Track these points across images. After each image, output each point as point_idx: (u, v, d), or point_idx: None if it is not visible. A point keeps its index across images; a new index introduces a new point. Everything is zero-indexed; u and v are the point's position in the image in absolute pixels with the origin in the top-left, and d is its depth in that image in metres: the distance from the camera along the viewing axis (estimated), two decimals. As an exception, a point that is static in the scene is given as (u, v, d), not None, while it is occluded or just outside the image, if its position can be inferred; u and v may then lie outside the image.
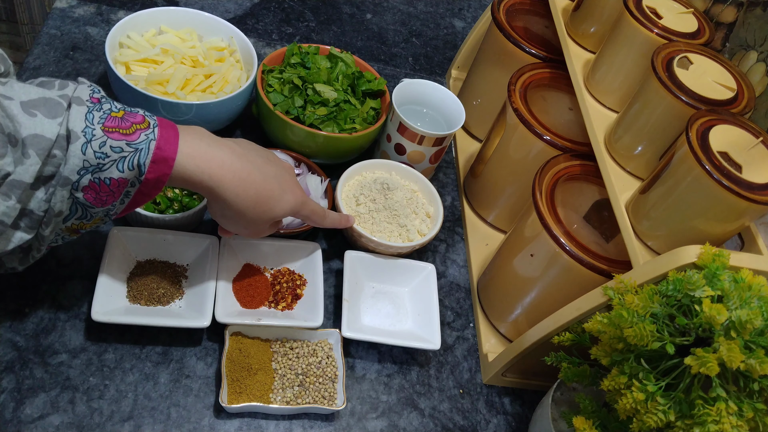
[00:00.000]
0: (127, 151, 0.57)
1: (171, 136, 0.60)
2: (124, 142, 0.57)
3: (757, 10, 0.81)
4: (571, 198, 0.79)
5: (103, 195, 0.58)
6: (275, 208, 0.69)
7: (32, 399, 0.67)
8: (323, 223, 0.78)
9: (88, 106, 0.56)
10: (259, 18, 1.19)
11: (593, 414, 0.64)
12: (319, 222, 0.77)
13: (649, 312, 0.56)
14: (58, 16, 1.04)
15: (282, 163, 0.72)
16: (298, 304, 0.80)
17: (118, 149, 0.57)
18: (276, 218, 0.70)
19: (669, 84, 0.70)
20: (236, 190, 0.64)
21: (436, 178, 1.05)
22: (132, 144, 0.57)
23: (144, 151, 0.58)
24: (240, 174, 0.64)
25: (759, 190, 0.61)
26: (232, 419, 0.71)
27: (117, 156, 0.57)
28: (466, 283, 0.93)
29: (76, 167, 0.55)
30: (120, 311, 0.72)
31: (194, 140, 0.61)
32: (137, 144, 0.57)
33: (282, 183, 0.69)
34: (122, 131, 0.57)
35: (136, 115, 0.59)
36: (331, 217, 0.79)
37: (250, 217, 0.67)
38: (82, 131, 0.55)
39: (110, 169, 0.57)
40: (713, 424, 0.51)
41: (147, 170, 0.58)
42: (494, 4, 1.03)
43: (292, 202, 0.70)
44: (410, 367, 0.82)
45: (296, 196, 0.71)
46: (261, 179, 0.66)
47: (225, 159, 0.63)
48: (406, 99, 0.98)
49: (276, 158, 0.72)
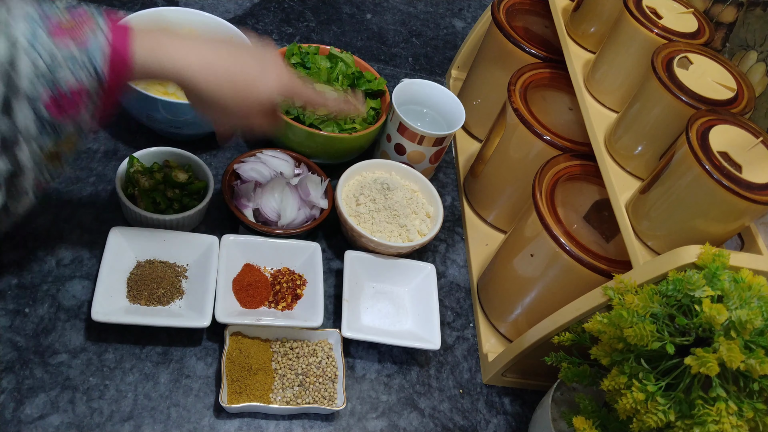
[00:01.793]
0: (79, 58, 0.54)
1: (122, 32, 0.56)
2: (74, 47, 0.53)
3: (757, 10, 0.81)
4: (571, 198, 0.79)
5: (67, 106, 0.55)
6: (258, 88, 0.63)
7: (32, 399, 0.67)
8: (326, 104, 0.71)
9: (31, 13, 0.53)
10: (259, 18, 1.19)
11: (593, 414, 0.64)
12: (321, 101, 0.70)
13: (649, 312, 0.56)
14: (58, 16, 1.04)
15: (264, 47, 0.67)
16: (298, 304, 0.80)
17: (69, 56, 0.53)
18: (263, 100, 0.64)
19: (669, 84, 0.70)
20: (205, 75, 0.59)
21: (436, 178, 1.05)
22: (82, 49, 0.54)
23: (97, 53, 0.54)
24: (207, 57, 0.60)
25: (759, 190, 0.61)
26: (232, 419, 0.71)
27: (70, 64, 0.53)
28: (466, 283, 0.93)
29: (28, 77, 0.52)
30: (120, 311, 0.72)
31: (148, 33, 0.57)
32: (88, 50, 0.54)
33: (260, 61, 0.64)
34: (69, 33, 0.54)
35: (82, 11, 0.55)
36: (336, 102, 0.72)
37: (231, 102, 0.62)
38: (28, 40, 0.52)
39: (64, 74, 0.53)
40: (713, 424, 0.51)
41: (107, 76, 0.55)
42: (494, 4, 1.03)
43: (275, 80, 0.64)
44: (410, 367, 0.82)
45: (281, 76, 0.65)
46: (232, 60, 0.61)
47: (186, 44, 0.59)
48: (406, 99, 0.98)
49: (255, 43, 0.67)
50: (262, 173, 0.85)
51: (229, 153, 0.95)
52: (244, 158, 0.88)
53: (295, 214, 0.83)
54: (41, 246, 0.78)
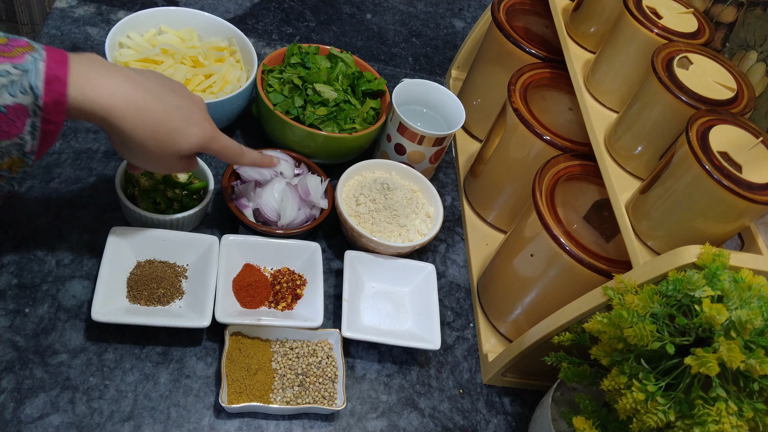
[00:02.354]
0: (15, 74, 0.54)
1: (60, 58, 0.56)
2: (9, 64, 0.54)
3: (757, 10, 0.81)
4: (571, 198, 0.79)
5: (4, 125, 0.55)
6: (179, 141, 0.64)
7: (32, 399, 0.67)
8: (240, 161, 0.74)
9: None
10: (259, 18, 1.19)
11: (593, 414, 0.64)
12: (235, 159, 0.73)
13: (649, 312, 0.56)
14: (58, 16, 1.04)
15: (190, 95, 0.68)
16: (298, 304, 0.80)
17: (4, 72, 0.54)
18: (182, 152, 0.66)
19: (669, 84, 0.70)
20: (131, 120, 0.60)
21: (436, 178, 1.05)
22: (18, 66, 0.54)
23: (33, 72, 0.54)
24: (136, 103, 0.60)
25: (759, 190, 0.61)
26: (232, 419, 0.71)
27: (5, 80, 0.54)
28: (466, 283, 0.93)
29: None
30: (120, 311, 0.72)
31: (82, 67, 0.57)
32: (24, 65, 0.54)
33: (187, 115, 0.65)
34: (5, 55, 0.54)
35: (20, 40, 0.56)
36: (250, 154, 0.75)
37: (152, 150, 0.63)
38: None
39: (2, 95, 0.54)
40: (713, 424, 0.51)
41: (42, 92, 0.55)
42: (494, 4, 1.03)
43: (198, 136, 0.66)
44: (410, 367, 0.82)
45: (204, 130, 0.67)
46: (161, 109, 0.62)
47: (118, 87, 0.59)
48: (406, 99, 0.98)
49: (184, 89, 0.67)
50: (262, 173, 0.85)
51: (229, 153, 0.95)
52: (244, 158, 0.87)
53: (295, 214, 0.83)
54: (41, 246, 0.78)
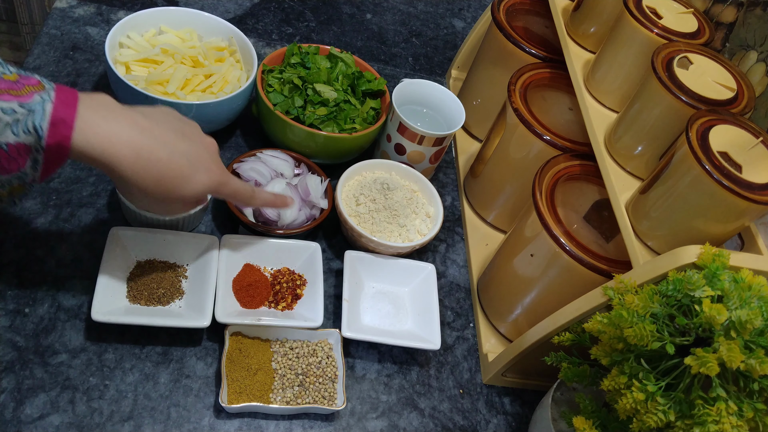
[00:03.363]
0: (21, 113, 0.53)
1: (70, 100, 0.55)
2: (16, 103, 0.53)
3: (757, 10, 0.81)
4: (571, 198, 0.79)
5: (4, 161, 0.54)
6: (184, 188, 0.63)
7: (32, 399, 0.67)
8: (252, 203, 0.74)
9: None
10: (259, 18, 1.19)
11: (593, 414, 0.64)
12: (247, 202, 0.73)
13: (649, 312, 0.56)
14: (58, 16, 1.04)
15: (201, 138, 0.67)
16: (298, 304, 0.80)
17: (10, 111, 0.53)
18: (188, 198, 0.65)
19: (669, 84, 0.70)
20: (134, 168, 0.59)
21: (436, 178, 1.05)
22: (25, 105, 0.53)
23: (39, 113, 0.54)
24: (140, 151, 0.59)
25: (759, 190, 0.61)
26: (232, 419, 0.71)
27: (10, 118, 0.53)
28: (466, 283, 0.93)
29: None
30: (120, 311, 0.72)
31: (89, 112, 0.56)
32: (31, 105, 0.54)
33: (194, 161, 0.64)
34: (14, 92, 0.53)
35: (31, 78, 0.56)
36: (262, 196, 0.74)
37: (155, 196, 0.63)
38: None
39: (5, 133, 0.53)
40: (713, 424, 0.51)
41: (46, 134, 0.54)
42: (494, 4, 1.03)
43: (206, 182, 0.65)
44: (410, 367, 0.82)
45: (211, 176, 0.65)
46: (166, 157, 0.61)
47: (122, 134, 0.58)
48: (406, 99, 0.98)
49: (195, 132, 0.66)
50: (262, 173, 0.85)
51: (229, 153, 0.95)
52: (244, 158, 0.88)
53: (296, 214, 0.83)
54: (41, 246, 0.78)
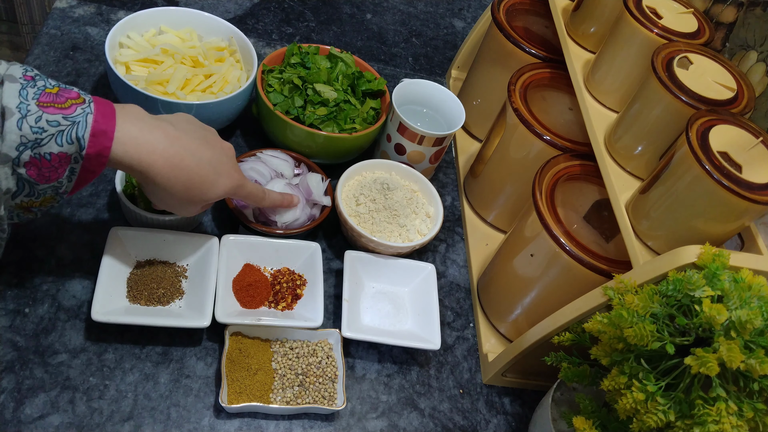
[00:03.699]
0: (65, 125, 0.57)
1: (108, 112, 0.60)
2: (60, 115, 0.57)
3: (757, 10, 0.81)
4: (571, 198, 0.79)
5: (46, 171, 0.58)
6: (208, 192, 0.69)
7: (32, 399, 0.67)
8: (262, 204, 0.78)
9: (22, 83, 0.57)
10: (259, 18, 1.19)
11: (593, 414, 0.64)
12: (258, 203, 0.78)
13: (649, 312, 0.56)
14: (58, 16, 1.04)
15: (221, 144, 0.71)
16: (298, 304, 0.80)
17: (55, 123, 0.57)
18: (209, 201, 0.70)
19: (669, 84, 0.70)
20: (167, 175, 0.64)
21: (436, 178, 1.05)
22: (69, 117, 0.57)
23: (82, 124, 0.58)
24: (172, 160, 0.64)
25: (759, 190, 0.61)
26: (232, 419, 0.71)
27: (54, 130, 0.57)
28: (466, 283, 0.93)
29: (14, 143, 0.55)
30: (120, 311, 0.72)
31: (127, 125, 0.61)
32: (74, 117, 0.57)
33: (217, 167, 0.69)
34: (58, 105, 0.57)
35: (71, 91, 0.59)
36: (271, 197, 0.79)
37: (181, 199, 0.68)
38: (17, 107, 0.55)
39: (49, 143, 0.57)
40: (713, 424, 0.51)
41: (87, 144, 0.58)
42: (494, 4, 1.03)
43: (227, 186, 0.70)
44: (410, 367, 0.82)
45: (232, 180, 0.71)
46: (194, 164, 0.66)
47: (157, 144, 0.62)
48: (406, 99, 0.98)
49: (215, 139, 0.71)
50: (262, 173, 0.85)
51: (229, 153, 0.95)
52: (244, 158, 0.88)
53: (299, 213, 0.83)
54: (41, 246, 0.78)
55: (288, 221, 0.83)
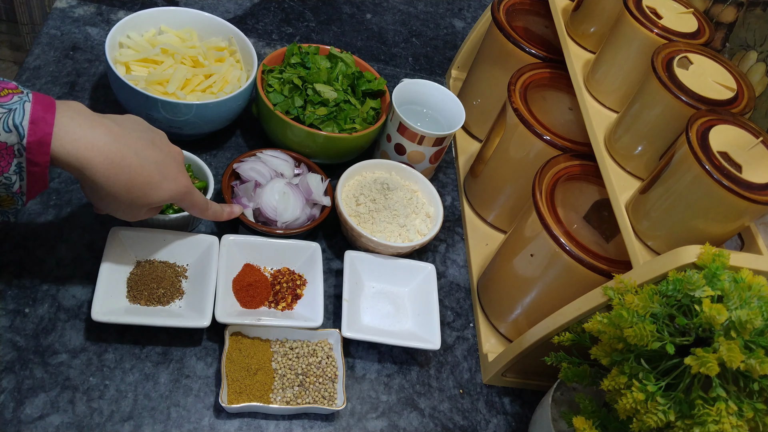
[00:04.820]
0: (1, 113, 0.55)
1: (48, 103, 0.58)
2: None
3: (757, 10, 0.81)
4: (571, 198, 0.79)
5: None
6: (151, 195, 0.66)
7: (32, 399, 0.67)
8: (205, 215, 0.76)
9: None
10: (259, 18, 1.19)
11: (593, 414, 0.64)
12: (200, 214, 0.75)
13: (649, 312, 0.56)
14: (58, 16, 1.04)
15: (169, 147, 0.69)
16: (298, 304, 0.80)
17: None
18: (153, 204, 0.67)
19: (669, 84, 0.70)
20: (106, 173, 0.61)
21: (436, 178, 1.05)
22: (4, 105, 0.56)
23: (19, 111, 0.56)
24: (113, 158, 0.61)
25: (759, 190, 0.61)
26: (232, 419, 0.71)
27: None
28: (466, 283, 0.93)
29: None
30: (120, 311, 0.72)
31: (65, 119, 0.58)
32: (10, 105, 0.56)
33: (163, 169, 0.66)
34: None
35: (9, 83, 0.58)
36: (213, 209, 0.76)
37: (123, 201, 0.65)
38: None
39: None
40: (713, 424, 0.51)
41: (27, 132, 0.56)
42: (494, 4, 1.03)
43: (173, 190, 0.67)
44: (410, 367, 0.82)
45: (178, 185, 0.68)
46: (138, 164, 0.63)
47: (96, 141, 0.60)
48: (406, 99, 0.98)
49: (163, 141, 0.68)
50: (262, 173, 0.85)
51: (229, 153, 0.95)
52: (244, 158, 0.88)
53: (299, 213, 0.83)
54: (41, 246, 0.78)
55: (288, 221, 0.83)
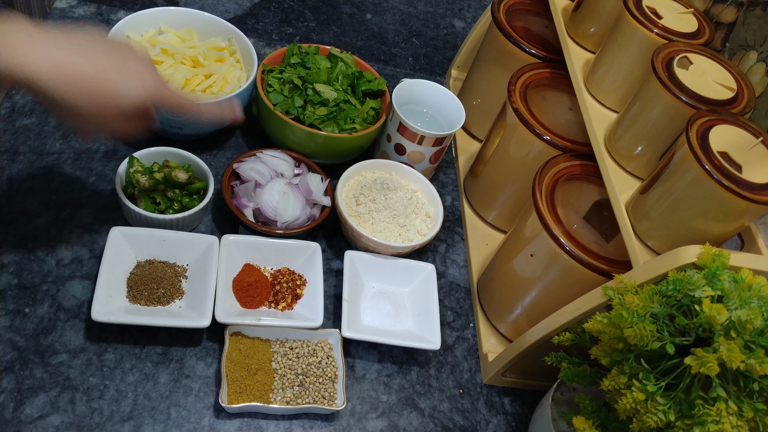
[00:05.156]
0: None
1: None
2: None
3: (757, 10, 0.81)
4: (571, 198, 0.79)
5: None
6: (115, 98, 0.60)
7: (32, 399, 0.67)
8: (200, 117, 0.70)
9: None
10: (259, 18, 1.19)
11: (593, 414, 0.64)
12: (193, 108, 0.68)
13: (649, 312, 0.56)
14: (58, 16, 1.04)
15: (134, 53, 0.63)
16: (298, 304, 0.80)
17: None
18: (125, 109, 0.61)
19: (669, 84, 0.70)
20: (60, 85, 0.56)
21: (436, 178, 1.05)
22: None
23: None
24: (63, 68, 0.56)
25: (759, 190, 0.61)
26: (232, 419, 0.71)
27: None
28: (466, 283, 0.93)
29: None
30: (120, 311, 0.72)
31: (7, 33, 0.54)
32: None
33: (124, 71, 0.60)
34: None
35: None
36: (209, 110, 0.70)
37: (87, 110, 0.59)
38: None
39: None
40: (713, 424, 0.51)
41: None
42: (494, 4, 1.03)
43: (139, 88, 0.61)
44: (410, 367, 0.82)
45: (146, 84, 0.62)
46: (90, 68, 0.57)
47: (44, 53, 0.55)
48: (406, 99, 0.98)
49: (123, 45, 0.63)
50: (262, 173, 0.85)
51: (229, 153, 0.95)
52: (244, 158, 0.88)
53: (299, 213, 0.83)
54: (41, 246, 0.78)
55: (288, 221, 0.83)
